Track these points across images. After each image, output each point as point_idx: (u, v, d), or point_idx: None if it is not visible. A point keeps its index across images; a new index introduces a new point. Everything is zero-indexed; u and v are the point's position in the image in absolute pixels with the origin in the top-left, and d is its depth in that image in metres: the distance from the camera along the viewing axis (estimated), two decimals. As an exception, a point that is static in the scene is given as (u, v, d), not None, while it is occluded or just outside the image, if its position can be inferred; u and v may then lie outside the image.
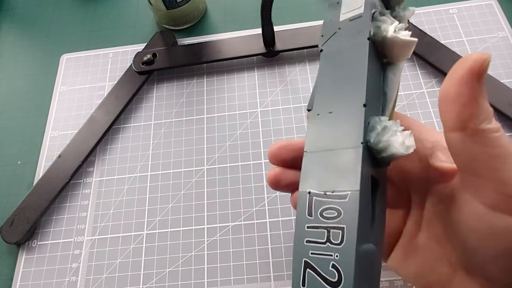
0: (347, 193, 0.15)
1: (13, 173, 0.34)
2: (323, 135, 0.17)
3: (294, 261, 0.15)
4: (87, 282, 0.29)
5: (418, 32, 0.34)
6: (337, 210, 0.15)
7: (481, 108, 0.14)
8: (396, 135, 0.16)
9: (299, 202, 0.16)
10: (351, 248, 0.14)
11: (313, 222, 0.15)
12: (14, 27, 0.43)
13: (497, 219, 0.14)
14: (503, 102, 0.30)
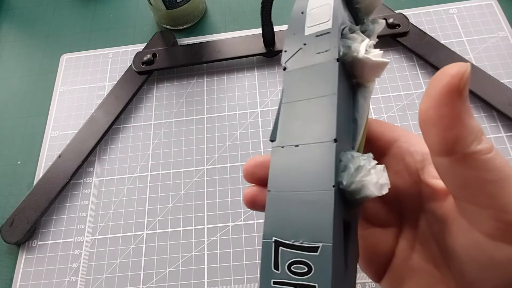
0: (318, 246, 0.13)
1: (13, 173, 0.34)
2: (289, 173, 0.15)
3: None
4: (87, 282, 0.29)
5: (418, 32, 0.34)
6: (307, 265, 0.13)
7: (468, 128, 0.12)
8: (370, 174, 0.14)
9: (264, 252, 0.14)
10: None
11: (280, 277, 0.13)
12: (14, 27, 0.43)
13: (498, 250, 0.13)
14: (503, 102, 0.30)
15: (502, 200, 0.12)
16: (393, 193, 0.17)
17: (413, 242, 0.18)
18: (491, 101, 0.30)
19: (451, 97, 0.12)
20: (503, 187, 0.12)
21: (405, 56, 0.35)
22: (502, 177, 0.12)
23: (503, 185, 0.12)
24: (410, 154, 0.17)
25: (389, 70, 0.34)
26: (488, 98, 0.31)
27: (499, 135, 0.31)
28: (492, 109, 0.31)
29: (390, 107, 0.33)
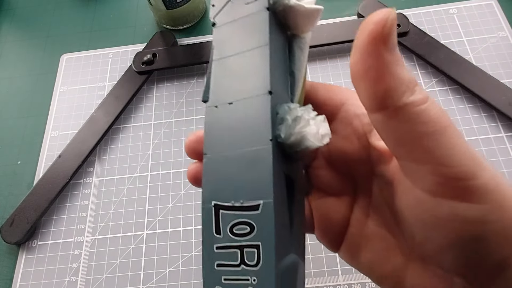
0: (259, 203, 0.13)
1: (13, 173, 0.34)
2: (225, 132, 0.14)
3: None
4: (87, 282, 0.29)
5: (418, 32, 0.34)
6: (249, 225, 0.13)
7: (398, 79, 0.11)
8: (309, 124, 0.14)
9: (204, 218, 0.14)
10: (269, 269, 0.12)
11: (223, 241, 0.13)
12: (14, 27, 0.43)
13: (439, 206, 0.13)
14: (503, 102, 0.30)
15: (439, 153, 0.12)
16: (343, 160, 0.17)
17: (367, 209, 0.17)
18: (491, 101, 0.30)
19: (376, 46, 0.11)
20: (439, 139, 0.12)
21: (405, 56, 0.35)
22: (438, 129, 0.12)
23: (438, 137, 0.12)
24: (357, 117, 0.16)
25: (389, 70, 0.34)
26: (488, 98, 0.31)
27: (499, 135, 0.31)
28: (492, 109, 0.31)
29: (390, 107, 0.33)
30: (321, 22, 0.37)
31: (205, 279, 0.13)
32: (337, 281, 0.27)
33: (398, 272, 0.15)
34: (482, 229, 0.12)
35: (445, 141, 0.12)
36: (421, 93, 0.12)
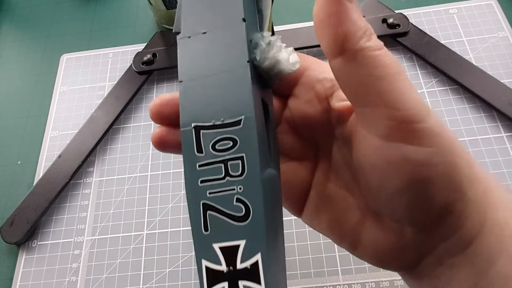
0: (240, 118, 0.13)
1: (13, 173, 0.34)
2: (200, 59, 0.15)
3: (190, 208, 0.14)
4: (87, 282, 0.29)
5: (418, 32, 0.34)
6: (232, 139, 0.13)
7: (356, 25, 0.13)
8: (281, 51, 0.15)
9: (184, 142, 0.14)
10: (255, 176, 0.13)
11: (205, 159, 0.14)
12: (14, 27, 0.43)
13: (392, 149, 0.13)
14: (503, 102, 0.30)
15: (392, 97, 0.13)
16: (306, 124, 0.18)
17: (328, 172, 0.18)
18: (491, 101, 0.30)
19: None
20: (392, 83, 0.13)
21: (405, 56, 0.35)
22: (391, 73, 0.13)
23: (392, 81, 0.13)
24: (319, 82, 0.17)
25: (389, 70, 0.34)
26: (488, 98, 0.31)
27: (499, 135, 0.31)
28: (492, 109, 0.31)
29: (390, 107, 0.33)
30: (321, 22, 0.37)
31: (189, 197, 0.14)
32: (337, 281, 0.27)
33: (355, 229, 0.16)
34: (429, 172, 0.13)
35: (397, 86, 0.13)
36: (377, 41, 0.13)
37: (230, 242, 0.13)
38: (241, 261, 0.13)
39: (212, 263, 0.13)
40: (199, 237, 0.13)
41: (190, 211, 0.14)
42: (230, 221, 0.13)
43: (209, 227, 0.13)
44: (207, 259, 0.13)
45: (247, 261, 0.13)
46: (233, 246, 0.13)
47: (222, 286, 0.13)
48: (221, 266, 0.13)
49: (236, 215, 0.13)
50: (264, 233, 0.13)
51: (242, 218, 0.13)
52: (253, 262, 0.13)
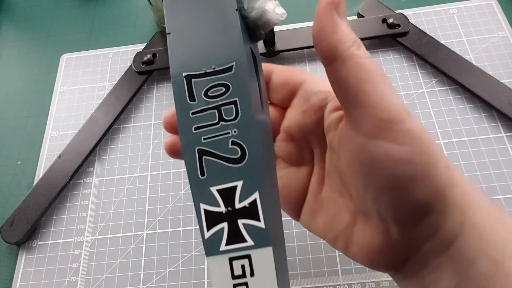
0: (232, 65, 0.14)
1: (13, 173, 0.34)
2: (187, 10, 0.15)
3: (185, 154, 0.14)
4: (87, 282, 0.29)
5: (418, 32, 0.34)
6: (224, 85, 0.14)
7: (346, 35, 0.15)
8: (268, 1, 0.15)
9: (176, 91, 0.14)
10: (249, 118, 0.13)
11: (198, 106, 0.14)
12: (14, 27, 0.43)
13: (376, 147, 0.15)
14: (503, 102, 0.30)
15: (376, 98, 0.15)
16: (302, 132, 0.19)
17: (322, 177, 0.19)
18: (491, 101, 0.30)
19: (330, 9, 0.15)
20: (377, 86, 0.15)
21: (405, 56, 0.35)
22: (376, 78, 0.15)
23: (376, 85, 0.15)
24: (314, 94, 0.19)
25: (389, 70, 0.34)
26: (488, 98, 0.31)
27: (499, 135, 0.31)
28: (492, 109, 0.31)
29: (390, 107, 0.33)
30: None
31: (183, 144, 0.14)
32: (337, 281, 0.27)
33: (347, 231, 0.18)
34: (409, 169, 0.14)
35: (381, 89, 0.15)
36: (365, 51, 0.15)
37: (228, 184, 0.14)
38: (239, 201, 0.13)
39: (211, 206, 0.14)
40: (196, 182, 0.14)
41: (185, 158, 0.14)
42: (227, 164, 0.13)
43: (205, 171, 0.14)
44: (205, 203, 0.14)
45: (245, 200, 0.13)
46: (230, 187, 0.14)
47: (222, 226, 0.14)
48: (220, 207, 0.14)
49: (232, 157, 0.13)
50: (261, 172, 0.13)
51: (238, 160, 0.13)
52: (251, 201, 0.13)
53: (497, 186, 0.29)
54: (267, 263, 0.13)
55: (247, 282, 0.13)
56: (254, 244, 0.13)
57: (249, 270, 0.13)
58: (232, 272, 0.13)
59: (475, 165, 0.30)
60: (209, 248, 0.14)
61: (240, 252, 0.13)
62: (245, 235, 0.13)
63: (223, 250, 0.14)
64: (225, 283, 0.14)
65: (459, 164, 0.30)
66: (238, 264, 0.13)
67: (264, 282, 0.13)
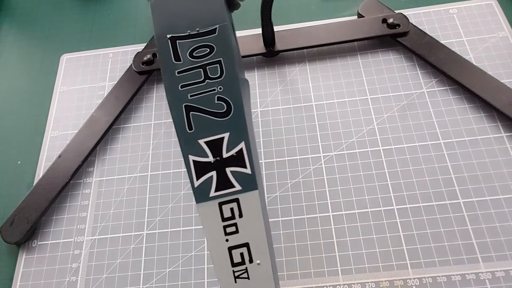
0: (215, 27, 0.15)
1: (13, 173, 0.34)
2: None
3: (173, 110, 0.15)
4: (87, 282, 0.29)
5: (418, 32, 0.34)
6: (209, 46, 0.15)
7: None
8: None
9: (160, 52, 0.15)
10: (233, 76, 0.14)
11: (184, 66, 0.15)
12: (14, 27, 0.43)
13: None
14: (503, 102, 0.30)
15: None
16: None
17: None
18: (491, 101, 0.30)
19: None
20: None
21: (405, 56, 0.35)
22: None
23: None
24: None
25: (389, 70, 0.34)
26: (488, 98, 0.31)
27: (499, 135, 0.31)
28: (492, 109, 0.31)
29: (390, 107, 0.33)
30: (321, 22, 0.37)
31: (171, 102, 0.15)
32: (337, 281, 0.27)
33: None
34: None
35: None
36: None
37: (215, 136, 0.15)
38: (227, 151, 0.15)
39: (199, 157, 0.15)
40: (184, 135, 0.15)
41: (173, 114, 0.15)
42: (213, 117, 0.15)
43: (193, 126, 0.15)
44: (194, 154, 0.15)
45: (232, 150, 0.15)
46: (218, 139, 0.15)
47: (211, 174, 0.15)
48: (208, 158, 0.15)
49: (219, 111, 0.15)
50: (246, 124, 0.14)
51: (224, 114, 0.14)
52: (238, 150, 0.15)
53: (497, 186, 0.29)
54: (254, 205, 0.15)
55: (236, 223, 0.15)
56: (242, 188, 0.15)
57: (237, 212, 0.15)
58: (221, 215, 0.15)
59: (475, 165, 0.30)
60: (199, 195, 0.15)
61: (229, 196, 0.15)
62: (233, 181, 0.15)
63: (212, 196, 0.15)
64: (215, 225, 0.15)
65: (459, 164, 0.30)
66: (227, 207, 0.15)
67: (252, 221, 0.15)
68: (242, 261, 0.15)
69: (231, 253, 0.15)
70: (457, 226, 0.28)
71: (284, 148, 0.32)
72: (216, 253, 0.15)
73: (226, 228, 0.15)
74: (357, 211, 0.29)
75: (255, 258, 0.15)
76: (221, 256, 0.15)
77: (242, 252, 0.15)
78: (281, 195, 0.30)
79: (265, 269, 0.15)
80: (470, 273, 0.26)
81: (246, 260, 0.15)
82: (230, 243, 0.15)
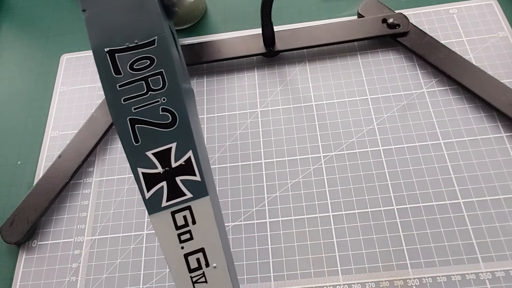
0: (154, 39, 0.14)
1: (13, 173, 0.34)
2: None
3: (117, 124, 0.15)
4: (87, 282, 0.29)
5: (418, 32, 0.34)
6: (149, 58, 0.14)
7: None
8: None
9: (100, 66, 0.15)
10: (176, 86, 0.14)
11: (125, 79, 0.15)
12: (14, 27, 0.43)
13: None
14: (503, 102, 0.30)
15: None
16: None
17: None
18: (491, 101, 0.30)
19: None
20: None
21: (405, 56, 0.35)
22: None
23: None
24: None
25: (389, 70, 0.34)
26: (488, 98, 0.31)
27: (499, 135, 0.31)
28: (492, 109, 0.31)
29: (390, 107, 0.33)
30: (321, 22, 0.37)
31: (114, 116, 0.15)
32: (337, 281, 0.27)
33: None
34: None
35: None
36: None
37: (162, 147, 0.15)
38: (175, 161, 0.15)
39: (148, 169, 0.15)
40: (131, 149, 0.15)
41: (118, 128, 0.15)
42: (159, 129, 0.15)
43: (139, 138, 0.15)
44: (143, 166, 0.16)
45: (180, 159, 0.15)
46: (165, 149, 0.15)
47: (161, 185, 0.15)
48: (157, 169, 0.15)
49: (164, 122, 0.15)
50: (192, 133, 0.15)
51: (169, 124, 0.15)
52: (186, 159, 0.15)
53: (497, 186, 0.29)
54: (206, 210, 0.15)
55: (190, 230, 0.15)
56: (193, 195, 0.15)
57: (191, 219, 0.15)
58: (175, 223, 0.15)
59: (475, 165, 0.30)
60: (151, 206, 0.16)
61: (181, 205, 0.15)
62: (183, 190, 0.15)
63: (164, 206, 0.15)
64: (169, 234, 0.15)
65: (459, 164, 0.30)
66: (180, 216, 0.15)
67: (206, 226, 0.15)
68: (199, 266, 0.15)
69: (187, 260, 0.15)
70: (457, 226, 0.28)
71: (284, 148, 0.32)
72: (173, 261, 0.15)
73: (181, 236, 0.15)
74: (357, 211, 0.29)
75: (211, 261, 0.15)
76: (178, 264, 0.15)
77: (198, 258, 0.15)
78: (281, 195, 0.30)
79: (222, 271, 0.15)
80: (470, 273, 0.26)
81: (203, 265, 0.15)
82: (185, 250, 0.15)
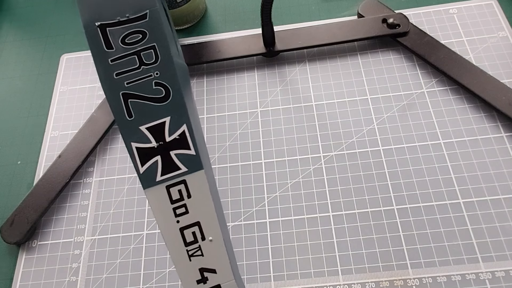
0: (146, 13, 0.14)
1: (13, 173, 0.34)
2: None
3: (110, 99, 0.15)
4: (87, 282, 0.29)
5: (418, 32, 0.34)
6: (141, 32, 0.14)
7: None
8: None
9: (91, 41, 0.15)
10: (169, 60, 0.14)
11: (117, 53, 0.15)
12: (14, 27, 0.43)
13: None
14: (503, 102, 0.30)
15: None
16: None
17: None
18: (491, 101, 0.30)
19: None
20: None
21: (405, 56, 0.35)
22: None
23: None
24: None
25: (389, 70, 0.34)
26: (488, 98, 0.31)
27: (499, 135, 0.31)
28: (492, 109, 0.31)
29: (390, 107, 0.33)
30: (321, 22, 0.37)
31: (107, 91, 0.15)
32: (337, 281, 0.27)
33: None
34: None
35: None
36: None
37: (156, 121, 0.15)
38: (169, 135, 0.15)
39: (142, 143, 0.15)
40: (124, 123, 0.15)
41: (111, 103, 0.15)
42: (153, 103, 0.14)
43: (132, 113, 0.15)
44: (136, 141, 0.15)
45: (175, 133, 0.15)
46: (159, 123, 0.15)
47: (155, 159, 0.15)
48: (151, 143, 0.15)
49: (157, 97, 0.14)
50: (185, 106, 0.14)
51: (163, 98, 0.14)
52: (180, 133, 0.15)
53: (497, 186, 0.29)
54: (201, 184, 0.15)
55: (185, 204, 0.15)
56: (188, 169, 0.15)
57: (186, 193, 0.15)
58: (170, 197, 0.15)
59: (475, 165, 0.30)
60: (146, 181, 0.15)
61: (175, 179, 0.15)
62: (178, 164, 0.15)
63: (159, 180, 0.15)
64: (165, 208, 0.15)
65: (459, 164, 0.30)
66: (175, 190, 0.15)
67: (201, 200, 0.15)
68: (195, 239, 0.15)
69: (183, 233, 0.15)
70: (457, 226, 0.28)
71: (284, 148, 0.32)
72: (168, 235, 0.15)
73: (176, 210, 0.15)
74: (357, 211, 0.29)
75: (207, 235, 0.15)
76: (174, 238, 0.15)
77: (194, 231, 0.15)
78: (281, 195, 0.30)
79: (218, 244, 0.15)
80: (470, 273, 0.26)
81: (199, 238, 0.15)
82: (181, 224, 0.15)
